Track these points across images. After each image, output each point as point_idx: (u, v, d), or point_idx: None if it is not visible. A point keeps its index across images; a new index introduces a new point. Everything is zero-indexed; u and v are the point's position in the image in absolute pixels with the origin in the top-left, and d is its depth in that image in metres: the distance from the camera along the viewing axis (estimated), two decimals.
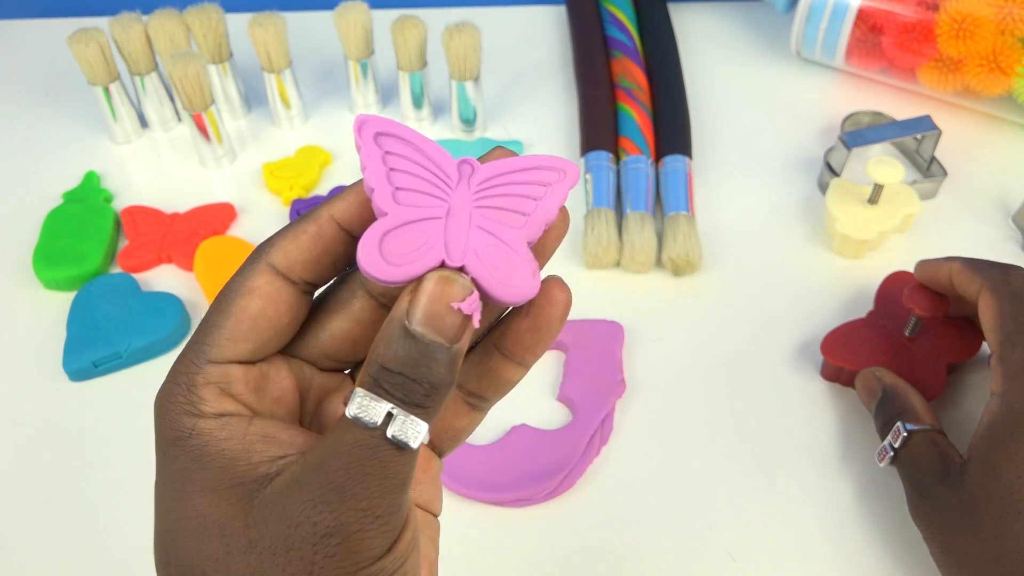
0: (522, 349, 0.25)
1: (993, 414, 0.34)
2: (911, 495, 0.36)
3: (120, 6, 0.56)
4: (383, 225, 0.23)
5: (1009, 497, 0.32)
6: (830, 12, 0.58)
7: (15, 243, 0.52)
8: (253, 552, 0.22)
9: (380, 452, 0.22)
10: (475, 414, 0.27)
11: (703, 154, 0.56)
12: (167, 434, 0.24)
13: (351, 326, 0.26)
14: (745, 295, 0.48)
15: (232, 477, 0.23)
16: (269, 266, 0.25)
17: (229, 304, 0.25)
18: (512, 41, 0.66)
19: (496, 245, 0.24)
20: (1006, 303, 0.36)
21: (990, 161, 0.56)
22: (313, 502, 0.22)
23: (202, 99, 0.53)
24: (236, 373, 0.24)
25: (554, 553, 0.38)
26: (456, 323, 0.22)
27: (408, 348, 0.22)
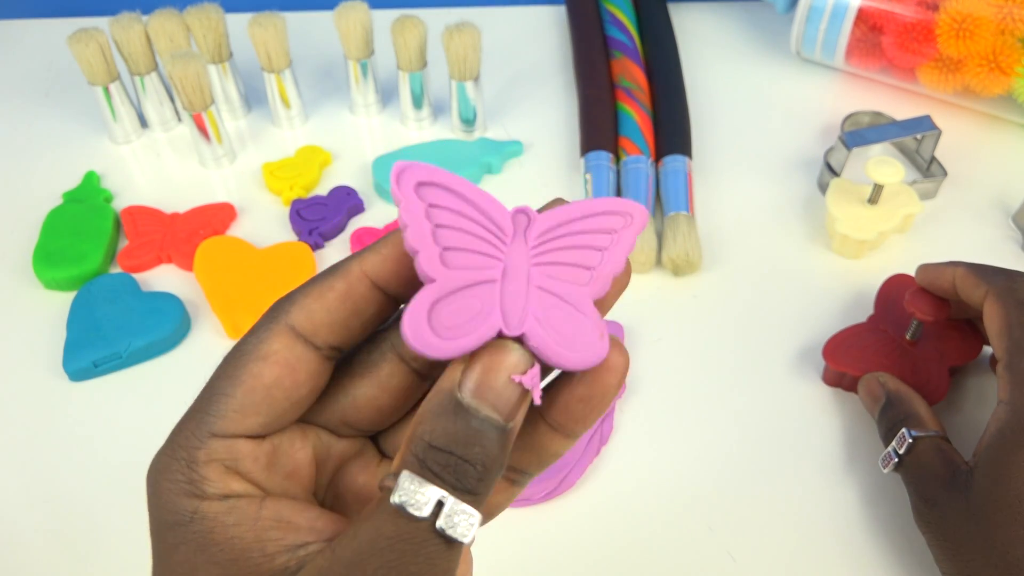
0: (572, 420, 0.22)
1: (1001, 421, 0.34)
2: (916, 502, 0.36)
3: (120, 6, 0.56)
4: (431, 293, 0.20)
5: (1018, 505, 0.32)
6: (830, 12, 0.58)
7: (15, 243, 0.52)
8: None
9: (427, 547, 0.19)
10: (513, 489, 0.24)
11: (703, 154, 0.56)
12: (165, 517, 0.21)
13: (377, 392, 0.23)
14: (745, 295, 0.48)
15: (245, 571, 0.20)
16: (289, 328, 0.22)
17: (239, 370, 0.22)
18: (512, 41, 0.66)
19: (559, 307, 0.21)
20: (1013, 310, 0.36)
21: (990, 161, 0.56)
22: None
23: (202, 99, 0.53)
24: (244, 449, 0.22)
25: (554, 553, 0.38)
26: (514, 398, 0.20)
27: (460, 425, 0.19)
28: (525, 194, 0.54)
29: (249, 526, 0.21)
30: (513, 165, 0.57)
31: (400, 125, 0.60)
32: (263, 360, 0.22)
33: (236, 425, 0.22)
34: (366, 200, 0.54)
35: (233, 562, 0.20)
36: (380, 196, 0.54)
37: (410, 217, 0.21)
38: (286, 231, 0.52)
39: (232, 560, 0.20)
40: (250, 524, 0.21)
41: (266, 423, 0.22)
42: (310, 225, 0.51)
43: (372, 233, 0.51)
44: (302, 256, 0.49)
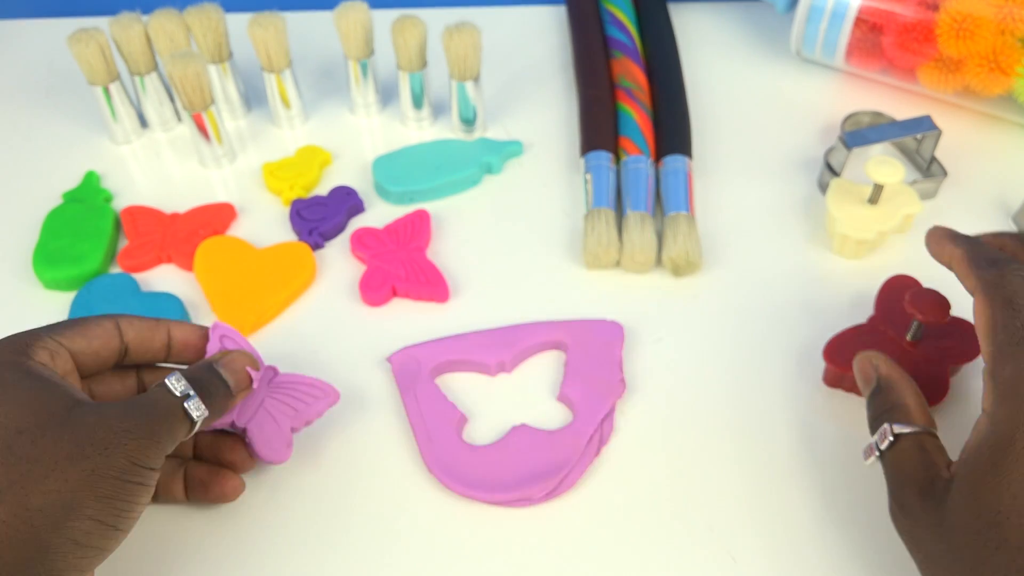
0: (234, 463, 0.39)
1: (980, 435, 0.32)
2: (891, 504, 0.35)
3: (120, 6, 0.56)
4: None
5: (987, 532, 0.30)
6: (830, 12, 0.58)
7: (15, 243, 0.52)
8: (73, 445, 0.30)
9: (175, 412, 0.33)
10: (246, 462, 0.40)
11: (703, 154, 0.56)
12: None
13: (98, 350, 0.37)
14: (745, 295, 0.48)
15: (53, 388, 0.32)
16: (115, 324, 0.37)
17: (87, 327, 0.36)
18: (512, 41, 0.66)
19: (270, 421, 0.39)
20: (999, 310, 0.33)
21: (990, 161, 0.56)
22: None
23: (202, 99, 0.53)
24: (66, 354, 0.34)
25: (554, 553, 0.38)
26: (244, 382, 0.37)
27: (211, 372, 0.36)
28: (525, 194, 0.54)
29: (59, 376, 0.33)
30: (513, 165, 0.57)
31: (400, 125, 0.60)
32: (99, 327, 0.36)
33: (71, 343, 0.35)
34: (366, 200, 0.54)
35: (46, 379, 0.32)
36: (380, 196, 0.54)
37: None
38: (286, 231, 0.52)
39: (46, 379, 0.32)
40: (59, 375, 0.33)
41: (82, 351, 0.35)
42: (310, 225, 0.51)
43: (372, 233, 0.51)
44: (302, 256, 0.49)
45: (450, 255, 0.51)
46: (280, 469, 0.41)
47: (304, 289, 0.49)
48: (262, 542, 0.38)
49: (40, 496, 0.29)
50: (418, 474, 0.41)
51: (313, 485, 0.40)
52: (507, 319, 0.46)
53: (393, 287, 0.48)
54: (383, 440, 0.42)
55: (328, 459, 0.41)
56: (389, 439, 0.42)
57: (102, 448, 0.30)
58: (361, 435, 0.42)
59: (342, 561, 0.38)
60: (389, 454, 0.41)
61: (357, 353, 0.46)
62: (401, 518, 0.39)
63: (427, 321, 0.47)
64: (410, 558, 0.38)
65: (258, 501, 0.40)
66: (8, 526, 0.29)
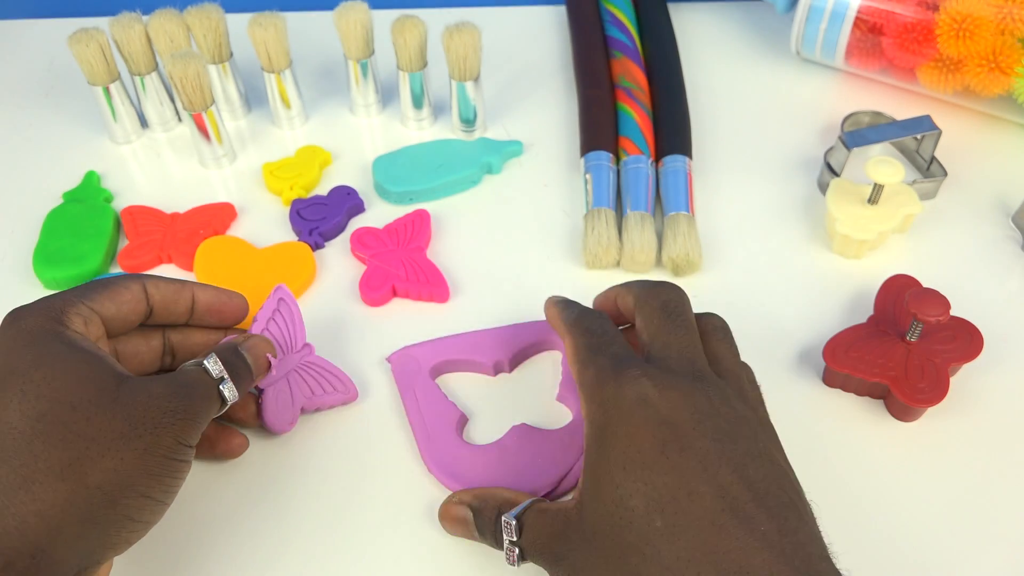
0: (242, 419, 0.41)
1: (586, 439, 0.33)
2: (553, 572, 0.33)
3: (120, 6, 0.56)
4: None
5: (620, 512, 0.30)
6: (830, 12, 0.58)
7: (15, 243, 0.52)
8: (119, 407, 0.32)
9: (212, 392, 0.35)
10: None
11: (703, 154, 0.56)
12: (27, 336, 0.32)
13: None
14: (745, 296, 0.48)
15: (98, 362, 0.32)
16: (142, 287, 0.37)
17: (114, 289, 0.36)
18: (512, 41, 0.66)
19: (286, 393, 0.41)
20: (579, 336, 0.36)
21: (990, 161, 0.56)
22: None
23: (202, 99, 0.53)
24: (97, 320, 0.35)
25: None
26: (263, 366, 0.39)
27: (239, 356, 0.37)
28: (525, 194, 0.54)
29: (94, 345, 0.34)
30: (513, 165, 0.57)
31: (400, 125, 0.60)
32: (127, 291, 0.37)
33: (99, 308, 0.35)
34: (366, 200, 0.54)
35: (91, 352, 0.33)
36: (380, 196, 0.54)
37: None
38: (286, 231, 0.52)
39: (90, 351, 0.33)
40: (94, 344, 0.34)
41: (112, 316, 0.36)
42: (310, 225, 0.51)
43: (372, 233, 0.51)
44: (302, 256, 0.49)
45: (450, 255, 0.51)
46: (280, 469, 0.41)
47: (304, 289, 0.49)
48: (260, 542, 0.38)
49: (99, 474, 0.30)
50: (418, 473, 0.41)
51: (313, 484, 0.40)
52: (507, 319, 0.46)
53: (393, 287, 0.48)
54: (383, 440, 0.42)
55: (328, 458, 0.41)
56: (389, 439, 0.42)
57: (152, 428, 0.32)
58: (361, 435, 0.42)
59: (341, 559, 0.38)
60: (389, 453, 0.41)
61: (357, 353, 0.46)
62: (400, 517, 0.39)
63: (427, 321, 0.47)
64: (410, 557, 0.38)
65: (255, 499, 0.40)
66: (69, 503, 0.30)
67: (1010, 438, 0.42)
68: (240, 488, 0.40)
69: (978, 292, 0.48)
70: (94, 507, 0.30)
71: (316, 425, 0.41)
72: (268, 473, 0.41)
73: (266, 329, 0.42)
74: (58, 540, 0.29)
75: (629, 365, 0.33)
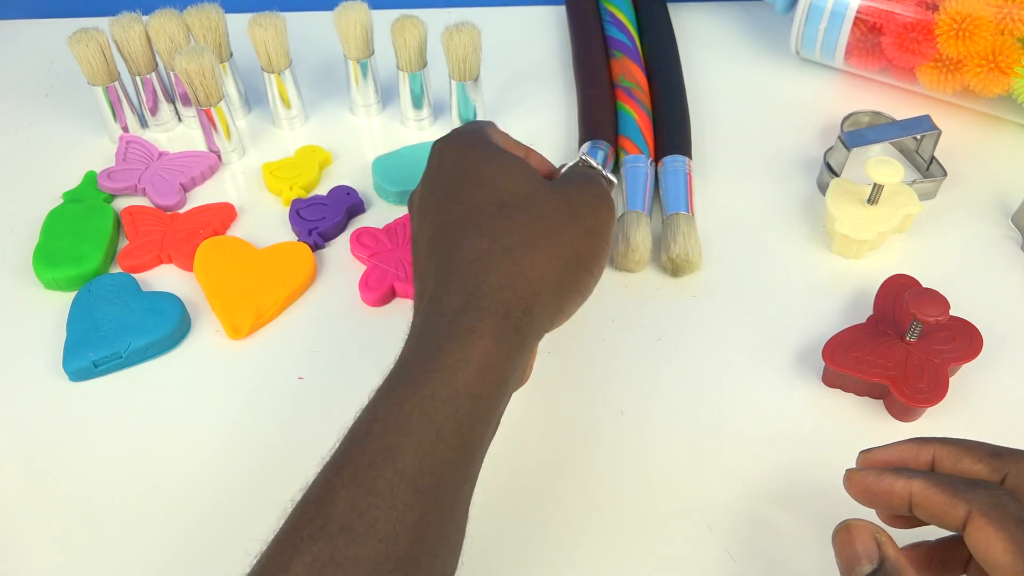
0: None
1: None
2: None
3: (120, 6, 0.56)
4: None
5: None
6: (830, 12, 0.58)
7: (15, 243, 0.52)
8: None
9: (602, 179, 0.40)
10: None
11: (703, 154, 0.56)
12: (465, 140, 0.39)
13: None
14: (745, 295, 0.48)
15: (526, 164, 0.38)
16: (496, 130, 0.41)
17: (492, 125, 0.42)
18: (512, 41, 0.66)
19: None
20: (1017, 532, 0.28)
21: (990, 161, 0.56)
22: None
23: (216, 93, 0.53)
24: (502, 140, 0.40)
25: (554, 553, 0.38)
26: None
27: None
28: None
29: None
30: None
31: (400, 125, 0.60)
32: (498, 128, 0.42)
33: (496, 132, 0.41)
34: (366, 200, 0.54)
35: (516, 157, 0.38)
36: (380, 196, 0.54)
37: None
38: (286, 231, 0.52)
39: (515, 156, 0.38)
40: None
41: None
42: (310, 225, 0.51)
43: (372, 233, 0.51)
44: (302, 256, 0.49)
45: None
46: (281, 470, 0.41)
47: (304, 289, 0.49)
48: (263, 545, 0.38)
49: (558, 247, 0.35)
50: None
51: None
52: None
53: (393, 287, 0.48)
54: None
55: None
56: None
57: (592, 212, 0.37)
58: None
59: None
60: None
61: (357, 353, 0.46)
62: None
63: None
64: None
65: (256, 498, 0.40)
66: (543, 267, 0.34)
67: (1010, 438, 0.41)
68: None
69: (978, 292, 0.48)
70: (559, 272, 0.35)
71: (316, 427, 0.41)
72: (268, 474, 0.41)
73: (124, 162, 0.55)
74: (539, 298, 0.34)
75: None
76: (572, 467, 0.41)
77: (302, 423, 0.42)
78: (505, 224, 0.35)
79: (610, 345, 0.46)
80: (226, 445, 0.42)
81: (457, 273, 0.34)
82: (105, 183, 0.54)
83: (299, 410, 0.43)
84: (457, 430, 0.30)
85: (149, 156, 0.56)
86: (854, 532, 0.31)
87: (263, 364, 0.45)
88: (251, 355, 0.46)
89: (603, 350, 0.46)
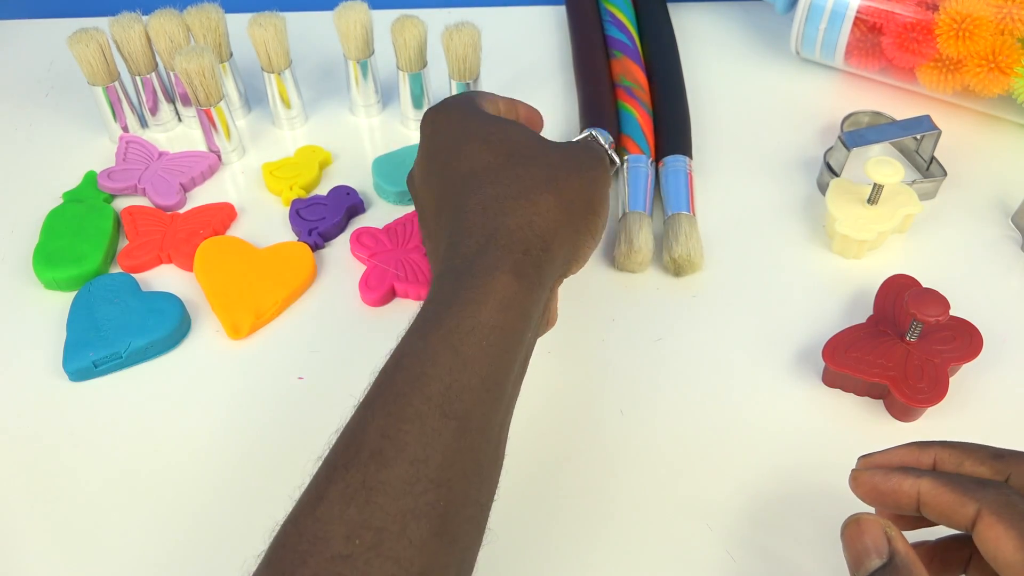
0: None
1: None
2: None
3: (120, 6, 0.56)
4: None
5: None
6: (830, 12, 0.58)
7: (15, 243, 0.52)
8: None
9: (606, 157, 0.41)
10: None
11: (703, 154, 0.56)
12: (462, 107, 0.40)
13: None
14: (745, 295, 0.48)
15: (522, 126, 0.40)
16: (496, 100, 0.43)
17: (487, 96, 0.43)
18: (512, 41, 0.66)
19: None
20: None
21: (990, 161, 0.56)
22: None
23: (216, 93, 0.53)
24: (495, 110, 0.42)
25: (553, 553, 0.38)
26: None
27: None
28: None
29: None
30: None
31: (400, 125, 0.60)
32: (494, 97, 0.43)
33: (488, 102, 0.43)
34: (366, 200, 0.54)
35: (510, 120, 0.41)
36: (380, 196, 0.54)
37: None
38: (286, 231, 0.52)
39: (510, 120, 0.41)
40: None
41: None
42: (310, 225, 0.51)
43: (372, 233, 0.51)
44: (302, 256, 0.49)
45: None
46: (281, 470, 0.41)
47: (304, 289, 0.49)
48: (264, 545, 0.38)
49: (569, 191, 0.37)
50: None
51: None
52: None
53: (393, 287, 0.48)
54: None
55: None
56: None
57: (596, 162, 0.39)
58: None
59: None
60: None
61: (357, 353, 0.46)
62: None
63: None
64: None
65: (256, 498, 0.40)
66: (557, 209, 0.36)
67: (1009, 438, 0.42)
68: None
69: (978, 292, 0.48)
70: (573, 214, 0.36)
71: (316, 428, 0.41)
72: (269, 478, 0.41)
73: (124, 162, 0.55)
74: (555, 237, 0.36)
75: None
76: (572, 467, 0.41)
77: (302, 423, 0.42)
78: (516, 171, 0.37)
79: (610, 345, 0.46)
80: (226, 445, 0.42)
81: (473, 219, 0.35)
82: (105, 183, 0.54)
83: (299, 410, 0.43)
84: (482, 360, 0.31)
85: (149, 156, 0.56)
86: (864, 526, 0.31)
87: (263, 364, 0.45)
88: (251, 355, 0.46)
89: (603, 350, 0.46)
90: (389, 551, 0.27)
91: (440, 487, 0.29)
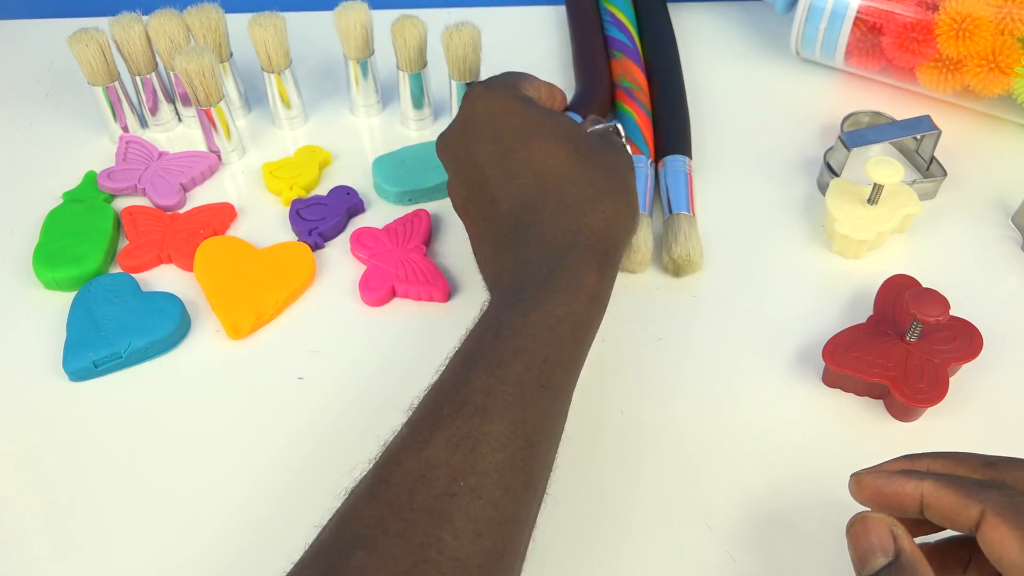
0: None
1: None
2: None
3: (120, 6, 0.56)
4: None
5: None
6: (830, 12, 0.58)
7: (15, 243, 0.52)
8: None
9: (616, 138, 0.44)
10: None
11: (703, 154, 0.56)
12: (504, 94, 0.42)
13: None
14: (745, 295, 0.48)
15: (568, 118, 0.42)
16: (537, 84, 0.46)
17: (531, 78, 0.46)
18: (512, 41, 0.66)
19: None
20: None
21: (990, 161, 0.56)
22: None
23: (216, 93, 0.53)
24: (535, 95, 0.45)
25: (553, 553, 0.38)
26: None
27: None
28: None
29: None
30: None
31: (400, 125, 0.60)
32: (538, 81, 0.47)
33: (530, 85, 0.46)
34: (366, 200, 0.54)
35: (556, 111, 0.44)
36: (380, 196, 0.54)
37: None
38: (286, 231, 0.52)
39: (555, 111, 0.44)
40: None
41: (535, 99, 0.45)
42: (310, 225, 0.51)
43: (372, 233, 0.51)
44: (302, 256, 0.49)
45: (450, 255, 0.51)
46: (281, 470, 0.41)
47: (304, 289, 0.49)
48: (263, 546, 0.38)
49: (628, 194, 0.40)
50: None
51: (315, 484, 0.40)
52: None
53: (393, 287, 0.48)
54: (384, 440, 0.42)
55: (330, 459, 0.41)
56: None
57: (630, 162, 0.42)
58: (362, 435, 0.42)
59: None
60: None
61: (357, 353, 0.46)
62: None
63: (427, 321, 0.47)
64: None
65: (256, 498, 0.40)
66: (623, 214, 0.39)
67: (1009, 438, 0.42)
68: None
69: (978, 292, 0.48)
70: (632, 216, 0.40)
71: (317, 428, 0.41)
72: (269, 478, 0.40)
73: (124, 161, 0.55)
74: (621, 239, 0.39)
75: None
76: (571, 467, 0.41)
77: (302, 423, 0.42)
78: (586, 172, 0.39)
79: (610, 345, 0.46)
80: (226, 445, 0.42)
81: (560, 214, 0.38)
82: (105, 183, 0.54)
83: (299, 410, 0.43)
84: (570, 342, 0.35)
85: (149, 156, 0.56)
86: (870, 524, 0.31)
87: (263, 364, 0.45)
88: (251, 355, 0.46)
89: (603, 350, 0.46)
90: (489, 495, 0.30)
91: (532, 447, 0.32)
